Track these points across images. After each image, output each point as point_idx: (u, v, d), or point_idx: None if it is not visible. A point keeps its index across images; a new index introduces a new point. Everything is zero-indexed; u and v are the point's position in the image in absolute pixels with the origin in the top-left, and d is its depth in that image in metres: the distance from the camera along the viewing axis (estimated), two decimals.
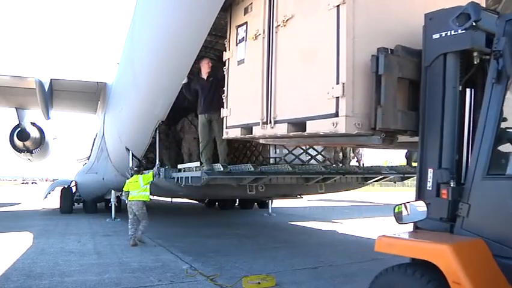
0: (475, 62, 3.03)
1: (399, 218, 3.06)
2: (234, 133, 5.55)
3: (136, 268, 6.32)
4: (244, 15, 5.41)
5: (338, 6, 3.58)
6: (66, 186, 16.80)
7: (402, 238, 3.02)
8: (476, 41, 2.93)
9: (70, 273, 5.98)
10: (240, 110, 5.46)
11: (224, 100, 5.80)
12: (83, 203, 16.47)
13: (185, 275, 5.85)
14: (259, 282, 5.16)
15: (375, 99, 3.35)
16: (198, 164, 7.78)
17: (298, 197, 10.40)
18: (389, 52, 3.35)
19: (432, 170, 3.09)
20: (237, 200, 17.39)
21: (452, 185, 2.92)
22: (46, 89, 13.51)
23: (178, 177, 8.21)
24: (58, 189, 17.26)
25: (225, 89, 5.78)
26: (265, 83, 4.73)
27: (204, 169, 7.10)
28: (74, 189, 16.63)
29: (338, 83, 3.51)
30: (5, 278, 5.62)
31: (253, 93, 4.97)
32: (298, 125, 4.16)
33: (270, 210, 15.60)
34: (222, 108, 5.89)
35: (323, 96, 3.67)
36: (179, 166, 8.60)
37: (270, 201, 15.38)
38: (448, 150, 3.04)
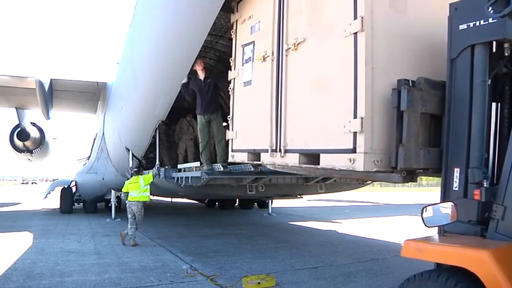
0: (506, 54, 2.86)
1: (427, 220, 2.80)
2: (241, 157, 5.30)
3: (136, 268, 6.32)
4: (251, 34, 5.12)
5: (356, 33, 3.32)
6: (66, 186, 16.80)
7: (433, 243, 2.79)
8: (509, 30, 2.72)
9: (70, 273, 5.97)
10: (247, 134, 5.18)
11: (230, 122, 5.57)
12: (83, 203, 16.47)
13: (185, 275, 5.85)
14: (259, 282, 5.16)
15: (397, 136, 3.12)
16: (198, 164, 7.78)
17: (298, 197, 10.40)
18: (411, 85, 3.14)
19: (458, 170, 2.90)
20: (237, 200, 17.39)
21: (485, 185, 2.73)
22: (46, 89, 13.52)
23: (178, 177, 8.22)
24: (58, 189, 17.25)
25: (230, 110, 5.54)
26: (274, 108, 4.44)
27: (203, 169, 7.10)
28: (74, 189, 16.63)
29: (355, 117, 3.26)
30: (5, 278, 5.62)
31: (261, 118, 4.68)
32: (311, 156, 3.90)
33: (270, 210, 15.59)
34: (220, 109, 5.80)
35: (339, 129, 3.41)
36: (179, 166, 8.61)
37: (270, 201, 15.38)
38: (476, 148, 2.85)
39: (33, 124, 17.89)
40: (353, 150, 3.28)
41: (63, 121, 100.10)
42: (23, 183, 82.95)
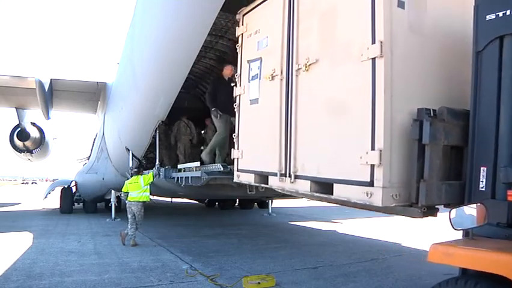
0: None
1: (455, 223, 2.59)
2: (247, 178, 5.03)
3: (136, 268, 6.31)
4: (258, 49, 4.87)
5: (374, 58, 3.10)
6: (66, 186, 16.80)
7: (464, 247, 2.57)
8: None
9: (70, 273, 5.97)
10: (254, 154, 4.92)
11: (235, 140, 5.34)
12: (83, 203, 16.47)
13: (185, 275, 5.85)
14: (259, 282, 5.16)
15: (417, 170, 2.94)
16: (198, 164, 7.79)
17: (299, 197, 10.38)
18: (432, 114, 2.96)
19: (485, 169, 2.74)
20: (237, 200, 17.40)
21: None
22: (46, 89, 13.54)
23: (178, 177, 8.22)
24: (58, 189, 17.25)
25: (236, 127, 5.32)
26: (283, 130, 4.20)
27: (203, 169, 7.11)
28: (74, 189, 16.63)
29: (373, 148, 3.05)
30: (5, 278, 5.61)
31: (269, 139, 4.44)
32: (324, 185, 3.66)
33: (270, 210, 15.60)
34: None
35: (354, 159, 3.19)
36: (179, 166, 8.61)
37: (270, 201, 15.39)
38: (506, 146, 2.66)
39: (33, 124, 17.89)
40: (370, 184, 3.06)
41: (63, 121, 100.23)
42: (23, 183, 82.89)
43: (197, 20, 5.84)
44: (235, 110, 5.34)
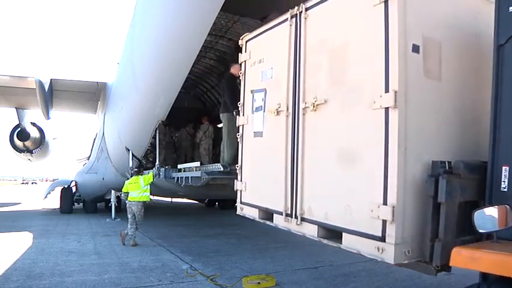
0: None
1: (479, 225, 2.47)
2: (251, 213, 4.76)
3: (136, 268, 6.32)
4: (262, 80, 4.57)
5: (387, 108, 2.88)
6: (66, 186, 16.78)
7: (489, 251, 2.42)
8: None
9: (70, 273, 5.98)
10: (258, 189, 4.69)
11: (238, 171, 5.11)
12: (83, 203, 16.46)
13: (185, 275, 5.85)
14: (259, 282, 5.17)
15: (431, 228, 2.81)
16: (198, 164, 7.79)
17: None
18: (448, 168, 2.84)
19: (507, 168, 2.61)
20: None
21: None
22: (46, 89, 13.57)
23: (178, 177, 8.23)
24: (58, 189, 17.24)
25: (239, 158, 5.08)
26: (289, 169, 3.96)
27: (203, 169, 7.10)
28: (74, 189, 16.62)
29: (385, 203, 2.86)
30: (5, 278, 5.62)
31: (274, 176, 4.20)
32: (332, 232, 3.47)
33: None
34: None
35: (365, 211, 3.01)
36: (179, 166, 8.62)
37: None
38: None
39: (33, 124, 17.91)
40: (382, 239, 2.89)
41: (63, 121, 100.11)
42: (23, 183, 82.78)
43: (197, 20, 5.84)
44: (239, 140, 5.13)
